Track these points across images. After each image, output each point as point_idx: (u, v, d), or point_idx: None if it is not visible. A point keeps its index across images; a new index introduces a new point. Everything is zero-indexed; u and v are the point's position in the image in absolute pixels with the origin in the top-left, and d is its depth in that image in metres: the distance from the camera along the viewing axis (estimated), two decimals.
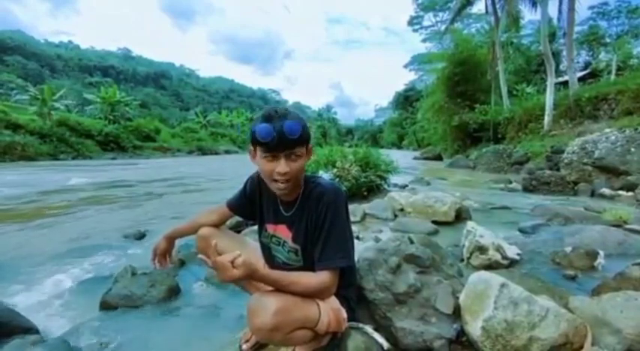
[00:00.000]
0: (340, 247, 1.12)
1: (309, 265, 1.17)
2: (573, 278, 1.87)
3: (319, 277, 1.10)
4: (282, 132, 1.02)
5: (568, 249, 2.10)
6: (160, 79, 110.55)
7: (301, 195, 1.20)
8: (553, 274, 1.92)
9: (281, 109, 1.10)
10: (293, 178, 1.11)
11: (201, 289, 2.13)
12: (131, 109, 34.76)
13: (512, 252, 2.12)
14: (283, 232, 1.26)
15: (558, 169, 7.06)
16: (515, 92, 20.24)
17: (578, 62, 24.71)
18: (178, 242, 2.80)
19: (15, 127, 20.63)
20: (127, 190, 7.34)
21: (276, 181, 1.10)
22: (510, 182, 7.26)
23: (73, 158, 21.26)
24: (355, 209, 3.68)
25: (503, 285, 1.24)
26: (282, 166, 1.07)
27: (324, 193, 1.14)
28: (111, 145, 25.97)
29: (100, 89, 33.58)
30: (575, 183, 6.05)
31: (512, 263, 2.07)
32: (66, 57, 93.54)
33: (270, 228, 1.30)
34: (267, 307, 0.96)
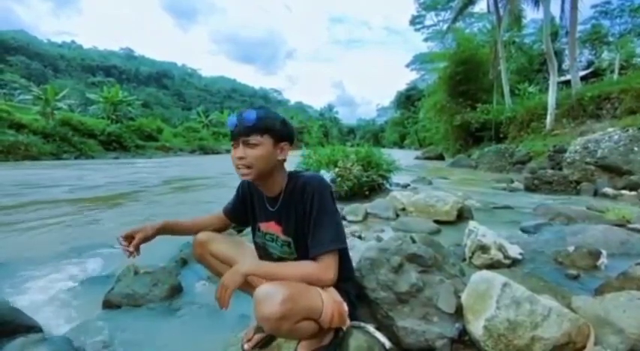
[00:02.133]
0: (329, 231, 1.14)
1: (303, 257, 1.20)
2: (576, 278, 1.86)
3: (314, 263, 1.14)
4: (241, 120, 1.15)
5: (570, 248, 2.09)
6: (162, 79, 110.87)
7: (284, 189, 1.23)
8: (555, 274, 1.92)
9: (257, 106, 1.23)
10: (254, 167, 1.16)
11: (203, 288, 2.14)
12: (133, 108, 34.93)
13: (514, 251, 2.11)
14: (274, 228, 1.28)
15: (561, 169, 7.03)
16: (517, 91, 20.16)
17: (580, 61, 24.55)
18: (181, 240, 2.85)
19: (18, 126, 20.81)
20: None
21: (237, 167, 1.18)
22: (512, 182, 7.24)
23: (76, 158, 21.37)
24: (357, 209, 3.67)
25: (505, 284, 1.23)
26: (239, 151, 1.15)
27: (306, 183, 1.19)
28: (113, 145, 26.10)
29: (102, 89, 33.76)
30: (578, 182, 6.02)
31: (515, 263, 2.07)
32: (69, 57, 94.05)
33: (263, 226, 1.33)
34: (275, 295, 0.98)
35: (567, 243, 2.27)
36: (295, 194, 1.20)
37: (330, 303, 1.13)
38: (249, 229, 2.84)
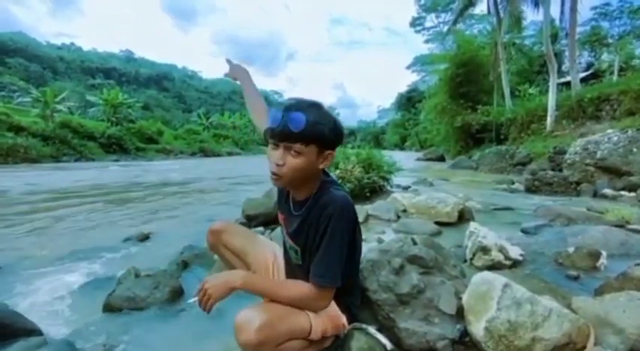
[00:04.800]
0: (331, 265, 1.08)
1: (308, 265, 1.16)
2: (576, 278, 1.85)
3: (301, 288, 1.09)
4: (287, 121, 1.00)
5: (571, 249, 2.08)
6: (162, 81, 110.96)
7: (312, 198, 1.16)
8: (556, 275, 1.91)
9: (307, 101, 1.06)
10: (287, 176, 1.06)
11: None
12: (134, 111, 34.85)
13: (515, 252, 2.11)
14: (286, 230, 1.27)
15: (561, 170, 7.03)
16: (517, 93, 20.20)
17: (580, 63, 24.61)
18: (182, 243, 2.87)
19: (17, 129, 20.76)
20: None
21: (271, 169, 1.08)
22: (513, 183, 7.23)
23: (76, 160, 21.35)
24: (358, 210, 3.65)
25: (506, 285, 1.24)
26: (277, 156, 1.04)
27: (328, 204, 1.08)
28: (113, 147, 26.06)
29: (102, 91, 33.71)
30: (578, 183, 6.02)
31: (515, 264, 2.07)
32: (68, 59, 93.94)
33: (280, 217, 1.31)
34: (252, 322, 0.96)
35: (567, 244, 2.27)
36: (315, 210, 1.12)
37: (320, 321, 1.12)
38: (258, 229, 2.94)
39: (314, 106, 1.05)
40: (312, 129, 1.01)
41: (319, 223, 1.09)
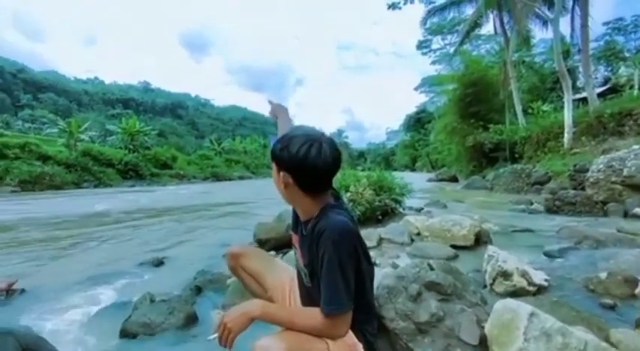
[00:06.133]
0: (333, 294, 1.05)
1: (318, 287, 1.12)
2: (612, 308, 1.69)
3: (316, 317, 1.07)
4: None
5: (603, 275, 1.94)
6: (176, 109, 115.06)
7: (312, 222, 1.16)
8: (588, 302, 1.76)
9: (303, 129, 1.14)
10: (279, 191, 1.17)
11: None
12: (149, 138, 36.17)
13: (539, 277, 2.00)
14: (298, 249, 1.26)
15: (583, 189, 6.77)
16: (530, 111, 19.99)
17: (596, 78, 24.23)
18: (195, 268, 2.87)
19: (45, 158, 21.98)
20: None
21: None
22: (532, 203, 7.01)
23: (95, 186, 22.08)
24: (370, 234, 3.60)
25: (532, 314, 1.16)
26: None
27: (326, 230, 1.07)
28: (130, 173, 27.04)
29: (121, 120, 35.22)
30: (604, 203, 5.75)
31: (540, 290, 1.95)
32: (92, 92, 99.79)
33: (295, 239, 1.30)
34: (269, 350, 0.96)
35: (598, 269, 2.12)
36: (314, 234, 1.11)
37: (340, 349, 1.08)
38: (270, 253, 2.88)
39: (297, 130, 1.13)
40: (274, 150, 1.12)
41: (318, 249, 1.08)
